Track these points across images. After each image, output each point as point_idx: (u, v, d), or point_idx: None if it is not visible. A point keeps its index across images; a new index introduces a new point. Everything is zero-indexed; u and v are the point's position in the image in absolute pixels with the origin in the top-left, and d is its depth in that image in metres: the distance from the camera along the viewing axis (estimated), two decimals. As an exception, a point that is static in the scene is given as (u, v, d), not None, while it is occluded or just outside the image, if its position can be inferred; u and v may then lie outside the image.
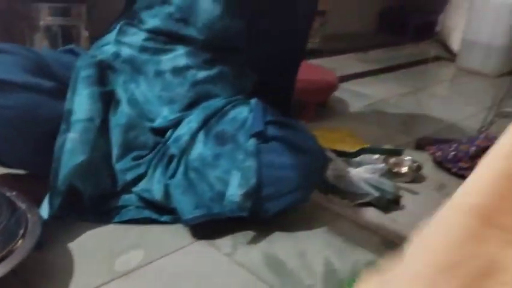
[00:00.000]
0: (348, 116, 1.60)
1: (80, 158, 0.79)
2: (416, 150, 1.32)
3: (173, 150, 0.88)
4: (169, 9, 0.93)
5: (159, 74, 0.93)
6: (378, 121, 1.56)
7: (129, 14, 0.97)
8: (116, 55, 0.93)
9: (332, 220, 0.94)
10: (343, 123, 1.47)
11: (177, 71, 0.94)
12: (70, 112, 0.82)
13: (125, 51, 0.93)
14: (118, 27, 0.96)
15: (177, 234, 0.84)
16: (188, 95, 0.94)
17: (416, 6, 3.26)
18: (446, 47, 2.77)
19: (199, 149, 0.87)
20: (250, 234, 0.86)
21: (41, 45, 1.39)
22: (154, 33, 0.94)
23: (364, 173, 1.06)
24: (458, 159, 1.17)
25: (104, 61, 0.91)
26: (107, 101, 0.88)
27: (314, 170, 0.89)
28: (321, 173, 0.93)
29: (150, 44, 0.93)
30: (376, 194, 1.00)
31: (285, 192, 0.85)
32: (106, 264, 0.74)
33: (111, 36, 0.96)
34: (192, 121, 0.90)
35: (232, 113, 0.92)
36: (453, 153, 1.18)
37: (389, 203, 1.01)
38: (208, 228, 0.83)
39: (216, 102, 0.94)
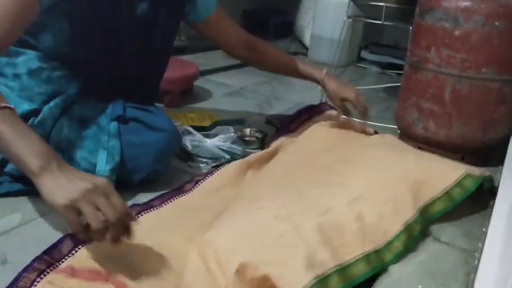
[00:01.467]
0: (211, 101, 1.83)
1: None
2: (267, 124, 1.59)
3: (40, 131, 0.96)
4: None
5: (16, 76, 1.00)
6: (237, 105, 1.82)
7: None
8: None
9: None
10: (206, 107, 1.70)
11: (32, 72, 1.00)
12: None
13: None
14: None
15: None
16: (44, 92, 1.02)
17: (275, 7, 3.64)
18: (302, 43, 3.17)
19: (65, 131, 1.00)
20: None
21: None
22: None
23: (218, 141, 1.28)
24: (295, 128, 1.48)
25: None
26: None
27: (168, 146, 1.07)
28: (174, 148, 1.11)
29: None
30: (227, 156, 1.23)
31: (145, 165, 1.03)
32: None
33: None
34: (53, 108, 1.00)
35: (92, 101, 1.06)
36: (285, 118, 1.51)
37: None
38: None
39: (73, 95, 1.04)
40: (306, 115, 1.54)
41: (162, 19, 1.12)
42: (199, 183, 1.09)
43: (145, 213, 0.95)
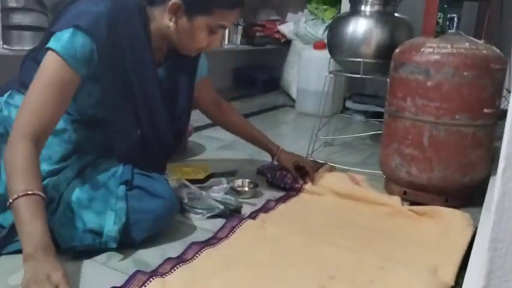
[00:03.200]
0: (205, 155, 1.92)
1: None
2: (257, 175, 1.67)
3: (53, 193, 1.06)
4: None
5: None
6: (229, 157, 1.90)
7: (19, 81, 1.16)
8: (8, 117, 1.12)
9: (189, 230, 1.21)
10: (200, 161, 1.78)
11: (56, 132, 1.10)
12: None
13: (14, 113, 1.09)
14: (9, 92, 1.16)
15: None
16: (63, 152, 1.14)
17: (263, 64, 3.83)
18: (289, 96, 3.32)
19: (77, 193, 1.08)
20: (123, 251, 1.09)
21: None
22: None
23: (212, 193, 1.35)
24: (284, 177, 1.56)
25: None
26: None
27: (167, 211, 1.14)
28: (172, 213, 1.17)
29: None
30: (221, 207, 1.30)
31: (145, 228, 1.09)
32: (1, 281, 0.92)
33: (2, 98, 1.15)
34: (68, 171, 1.12)
35: (104, 165, 1.15)
36: (279, 172, 1.58)
37: (232, 213, 1.31)
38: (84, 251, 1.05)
39: (88, 157, 1.17)
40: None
41: (182, 84, 1.27)
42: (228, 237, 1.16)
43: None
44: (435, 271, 1.04)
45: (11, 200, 0.90)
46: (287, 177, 1.56)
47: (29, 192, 0.90)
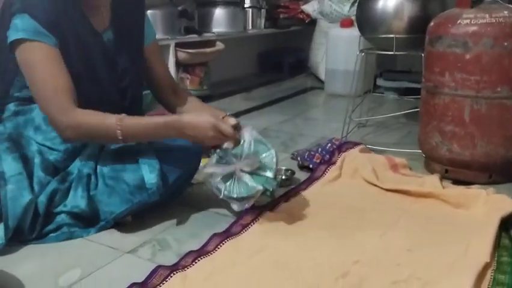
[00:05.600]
0: (238, 144, 1.90)
1: (24, 200, 1.04)
2: (292, 160, 1.65)
3: (87, 171, 1.13)
4: None
5: (37, 128, 1.16)
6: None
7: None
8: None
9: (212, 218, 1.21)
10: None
11: (46, 118, 1.13)
12: (3, 173, 1.06)
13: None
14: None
15: (107, 249, 1.06)
16: None
17: (288, 47, 3.77)
18: (317, 78, 3.26)
19: (109, 162, 1.15)
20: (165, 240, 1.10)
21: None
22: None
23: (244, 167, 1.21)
24: (312, 157, 1.54)
25: (12, 133, 1.15)
26: (25, 159, 1.12)
27: (193, 155, 1.23)
28: (199, 155, 1.24)
29: None
30: (260, 187, 1.16)
31: (176, 170, 1.17)
32: (51, 282, 0.93)
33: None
34: (89, 149, 1.17)
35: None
36: (307, 153, 1.57)
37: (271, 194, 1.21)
38: (131, 243, 1.06)
39: None
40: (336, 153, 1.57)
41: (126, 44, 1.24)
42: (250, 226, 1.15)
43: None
44: (466, 250, 1.00)
45: (119, 134, 1.06)
46: (315, 157, 1.54)
47: (120, 116, 1.08)
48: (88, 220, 1.13)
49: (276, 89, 3.13)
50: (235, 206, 1.16)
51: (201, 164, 1.27)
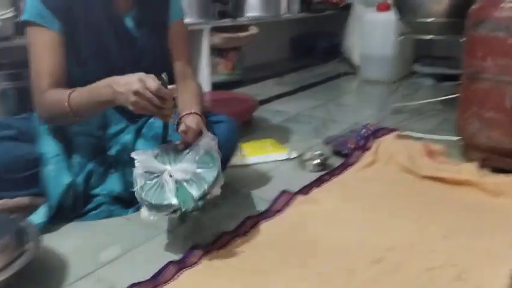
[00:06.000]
0: (270, 129, 1.91)
1: (64, 180, 1.08)
2: (325, 145, 1.64)
3: (125, 156, 1.13)
4: None
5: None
6: (294, 130, 1.88)
7: None
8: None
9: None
10: (266, 135, 1.78)
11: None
12: (43, 154, 1.10)
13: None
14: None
15: (145, 228, 1.08)
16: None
17: (321, 31, 3.72)
18: (351, 63, 3.21)
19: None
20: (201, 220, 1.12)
21: None
22: None
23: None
24: (345, 143, 1.54)
25: None
26: (65, 142, 1.16)
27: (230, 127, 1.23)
28: (235, 127, 1.24)
29: None
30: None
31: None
32: (92, 258, 0.97)
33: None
34: (127, 133, 1.19)
35: (156, 122, 1.19)
36: (341, 139, 1.56)
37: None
38: (167, 222, 1.10)
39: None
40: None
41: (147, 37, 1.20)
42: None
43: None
44: (505, 239, 0.98)
45: (67, 104, 1.01)
46: (349, 142, 1.53)
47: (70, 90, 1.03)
48: (127, 202, 1.16)
49: (309, 74, 3.10)
50: (142, 211, 0.98)
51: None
